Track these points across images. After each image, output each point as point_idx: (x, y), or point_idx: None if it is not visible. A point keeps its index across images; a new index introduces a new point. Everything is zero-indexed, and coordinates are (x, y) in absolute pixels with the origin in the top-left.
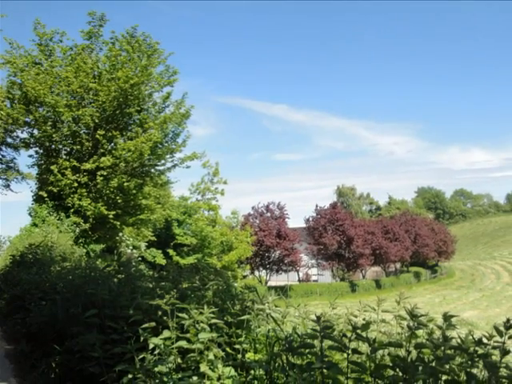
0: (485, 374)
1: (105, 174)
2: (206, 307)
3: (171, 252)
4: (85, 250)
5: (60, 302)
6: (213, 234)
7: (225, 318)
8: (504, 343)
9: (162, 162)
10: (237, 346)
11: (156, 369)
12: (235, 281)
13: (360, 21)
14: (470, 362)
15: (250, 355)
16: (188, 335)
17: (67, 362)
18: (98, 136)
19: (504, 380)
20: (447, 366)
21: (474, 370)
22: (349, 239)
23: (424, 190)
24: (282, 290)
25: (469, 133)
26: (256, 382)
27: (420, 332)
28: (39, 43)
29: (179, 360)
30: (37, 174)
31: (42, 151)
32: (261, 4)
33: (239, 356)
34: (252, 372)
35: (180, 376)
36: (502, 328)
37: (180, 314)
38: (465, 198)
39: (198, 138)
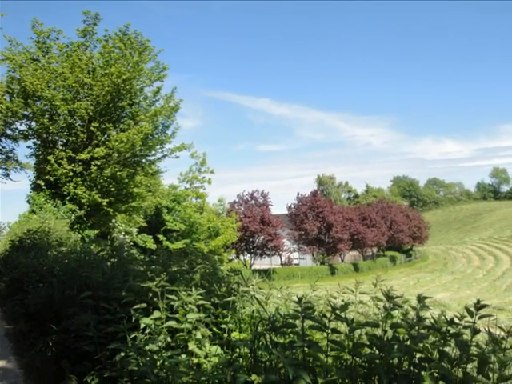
0: (456, 352)
1: (99, 163)
2: (194, 289)
3: (161, 237)
4: (80, 236)
5: (56, 285)
6: (200, 221)
7: (212, 300)
8: (474, 323)
9: (153, 152)
10: (223, 326)
11: (147, 347)
12: (221, 264)
13: (338, 20)
14: (442, 341)
15: (235, 334)
16: (177, 315)
17: (63, 341)
18: (92, 128)
19: (474, 358)
20: (421, 345)
21: (446, 349)
22: (328, 225)
23: (399, 178)
24: (266, 273)
25: (441, 125)
26: (241, 359)
27: (395, 312)
28: (37, 41)
29: (169, 339)
30: (35, 163)
31: (39, 142)
32: (246, 4)
33: (225, 335)
34: (237, 350)
35: (169, 354)
36: (472, 309)
37: (169, 296)
38: (437, 187)
39: (187, 129)
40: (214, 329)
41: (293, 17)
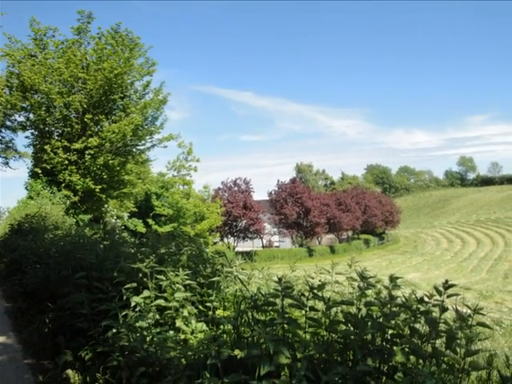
0: (426, 329)
1: (92, 152)
2: (181, 270)
3: (150, 221)
4: (74, 220)
5: (53, 266)
6: (187, 206)
7: (197, 280)
8: (443, 301)
9: (143, 142)
10: (208, 304)
11: (137, 324)
12: (207, 247)
13: (316, 19)
14: (413, 318)
15: (219, 312)
16: (165, 294)
17: (59, 318)
18: (86, 119)
19: (443, 334)
20: (393, 322)
21: (417, 325)
22: (306, 210)
23: (372, 166)
24: (248, 255)
25: (412, 117)
26: (225, 335)
27: (369, 292)
28: (34, 38)
29: (157, 316)
30: (32, 152)
31: (36, 133)
32: (230, 4)
33: (210, 313)
34: (221, 327)
35: (158, 330)
36: (441, 288)
37: (158, 276)
38: (408, 174)
39: (174, 121)
40: (200, 307)
41: (274, 15)
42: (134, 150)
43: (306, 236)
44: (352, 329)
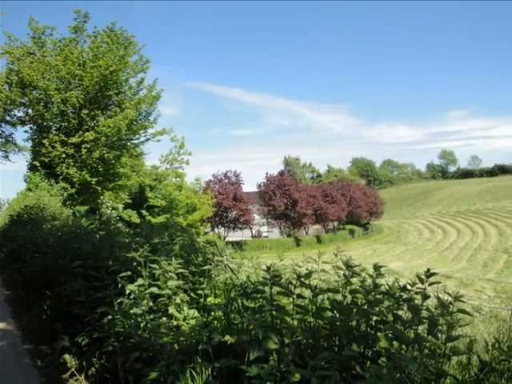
0: (408, 316)
1: (88, 146)
2: (173, 259)
3: (144, 212)
4: (71, 211)
5: (50, 255)
6: (179, 198)
7: (189, 268)
8: (425, 289)
9: (137, 136)
10: (200, 292)
11: (131, 311)
12: (198, 237)
13: (302, 18)
14: (396, 305)
15: (210, 299)
16: (158, 282)
17: (57, 305)
18: (82, 115)
19: (425, 320)
20: (377, 309)
21: (400, 312)
22: (294, 201)
23: (357, 160)
24: (238, 245)
25: (394, 112)
26: (216, 322)
27: (354, 280)
28: (33, 36)
29: (151, 303)
30: (31, 146)
31: (35, 127)
32: (221, 4)
33: (202, 300)
34: (212, 314)
35: (152, 317)
36: (423, 276)
37: (152, 265)
38: (392, 167)
39: (167, 116)
40: (192, 294)
41: (262, 15)
42: (129, 143)
43: (293, 226)
44: (338, 315)
